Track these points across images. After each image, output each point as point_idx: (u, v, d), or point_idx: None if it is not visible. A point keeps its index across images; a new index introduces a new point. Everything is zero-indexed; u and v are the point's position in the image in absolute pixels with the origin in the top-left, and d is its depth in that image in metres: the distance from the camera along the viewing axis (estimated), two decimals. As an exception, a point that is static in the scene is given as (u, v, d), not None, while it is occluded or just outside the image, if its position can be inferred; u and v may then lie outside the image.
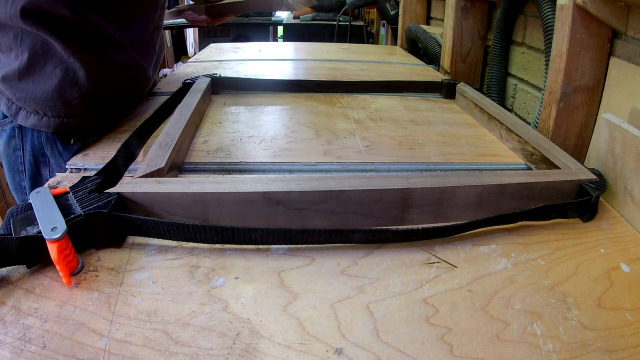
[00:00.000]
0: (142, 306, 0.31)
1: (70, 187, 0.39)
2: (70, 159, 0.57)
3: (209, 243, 0.37)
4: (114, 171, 0.45)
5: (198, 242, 0.37)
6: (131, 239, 0.39)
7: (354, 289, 0.34)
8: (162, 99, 0.77)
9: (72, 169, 0.53)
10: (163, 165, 0.43)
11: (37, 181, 0.64)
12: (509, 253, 0.39)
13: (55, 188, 0.39)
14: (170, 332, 0.29)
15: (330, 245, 0.39)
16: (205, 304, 0.32)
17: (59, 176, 0.50)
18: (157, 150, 0.47)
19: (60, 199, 0.37)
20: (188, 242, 0.37)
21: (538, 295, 0.34)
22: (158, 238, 0.37)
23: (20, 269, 0.34)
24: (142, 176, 0.41)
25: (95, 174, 0.42)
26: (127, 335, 0.29)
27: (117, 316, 0.30)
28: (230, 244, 0.37)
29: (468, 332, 0.30)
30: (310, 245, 0.38)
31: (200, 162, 0.53)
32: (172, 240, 0.37)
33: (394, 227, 0.38)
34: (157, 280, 0.34)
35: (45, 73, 0.57)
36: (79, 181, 0.40)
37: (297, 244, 0.38)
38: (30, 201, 0.37)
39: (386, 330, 0.30)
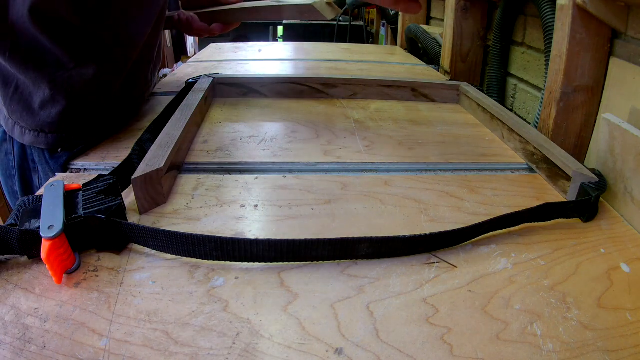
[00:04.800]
0: (142, 306, 0.31)
1: (83, 185, 0.40)
2: (57, 168, 0.55)
3: (208, 259, 0.36)
4: (129, 171, 0.44)
5: (196, 257, 0.36)
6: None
7: (354, 289, 0.34)
8: (163, 98, 0.77)
9: (71, 168, 0.53)
10: (162, 165, 0.43)
11: (28, 187, 0.62)
12: (509, 253, 0.39)
13: (71, 183, 0.40)
14: (170, 332, 0.29)
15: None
16: (205, 304, 0.32)
17: (59, 176, 0.50)
18: (156, 150, 0.47)
19: (72, 195, 0.38)
20: (186, 257, 0.36)
21: (538, 295, 0.34)
22: (155, 250, 0.37)
23: (21, 269, 0.34)
24: (141, 176, 0.41)
25: (109, 174, 0.42)
26: (127, 335, 0.29)
27: (117, 316, 0.30)
28: (231, 260, 0.36)
29: (468, 332, 0.30)
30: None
31: (201, 162, 0.53)
32: (170, 253, 0.36)
33: (402, 235, 0.37)
34: (157, 280, 0.34)
35: (37, 89, 0.54)
36: (94, 179, 0.41)
37: (301, 260, 0.36)
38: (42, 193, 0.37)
39: (386, 330, 0.30)
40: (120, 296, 0.32)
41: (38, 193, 0.43)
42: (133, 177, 0.41)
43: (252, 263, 0.36)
